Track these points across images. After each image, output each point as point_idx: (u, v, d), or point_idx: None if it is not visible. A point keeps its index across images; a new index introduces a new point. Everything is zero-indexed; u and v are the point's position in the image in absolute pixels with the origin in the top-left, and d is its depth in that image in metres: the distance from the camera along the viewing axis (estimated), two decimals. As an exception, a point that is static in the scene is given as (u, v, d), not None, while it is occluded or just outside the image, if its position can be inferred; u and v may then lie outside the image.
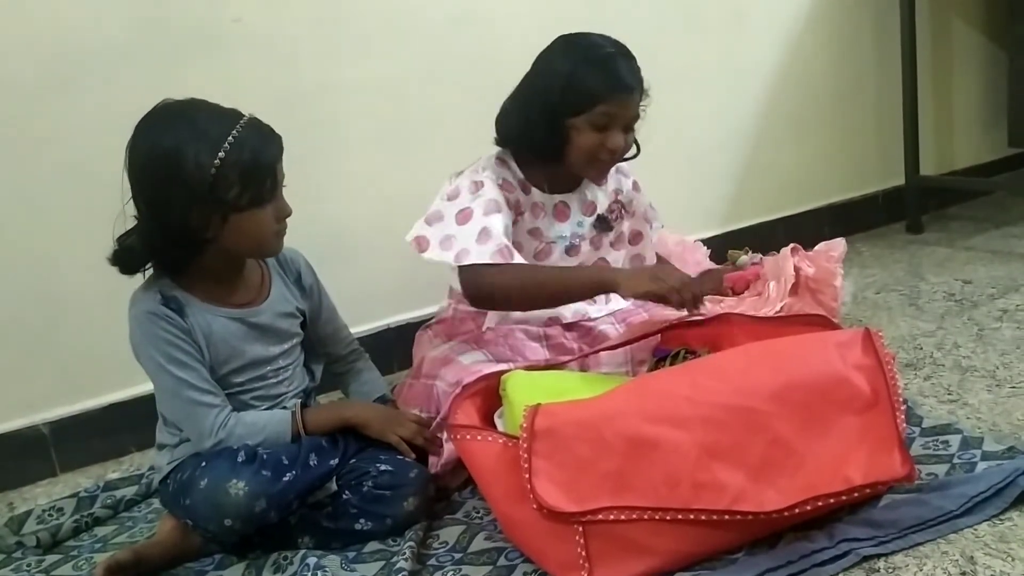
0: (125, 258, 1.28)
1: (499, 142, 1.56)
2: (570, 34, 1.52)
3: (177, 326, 1.26)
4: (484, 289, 1.42)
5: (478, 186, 1.48)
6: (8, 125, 1.61)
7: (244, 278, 1.36)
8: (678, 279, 1.36)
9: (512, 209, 1.50)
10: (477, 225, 1.43)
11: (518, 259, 1.42)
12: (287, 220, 1.31)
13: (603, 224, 1.61)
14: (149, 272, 1.31)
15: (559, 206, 1.57)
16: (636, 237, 1.70)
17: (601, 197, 1.62)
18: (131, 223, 1.27)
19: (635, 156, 1.56)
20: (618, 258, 1.67)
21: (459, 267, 1.43)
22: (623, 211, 1.65)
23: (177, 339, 1.26)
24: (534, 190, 1.55)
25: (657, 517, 1.07)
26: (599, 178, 1.57)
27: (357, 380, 1.52)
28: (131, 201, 1.25)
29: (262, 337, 1.35)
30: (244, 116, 1.25)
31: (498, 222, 1.43)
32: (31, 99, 1.62)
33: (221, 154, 1.20)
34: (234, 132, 1.21)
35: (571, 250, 1.58)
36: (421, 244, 1.47)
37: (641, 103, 1.49)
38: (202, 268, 1.30)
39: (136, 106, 1.25)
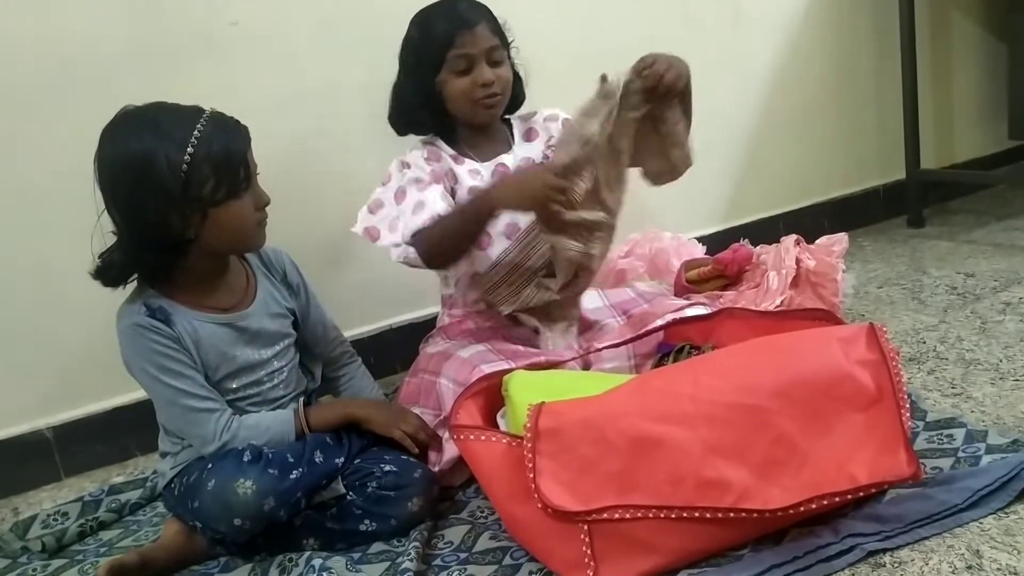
0: (107, 272, 1.28)
1: (401, 133, 1.59)
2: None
3: (166, 335, 1.26)
4: (424, 250, 1.43)
5: (405, 165, 1.52)
6: (7, 131, 1.61)
7: (229, 281, 1.35)
8: (540, 179, 1.35)
9: (445, 177, 1.52)
10: (412, 200, 1.47)
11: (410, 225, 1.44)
12: (267, 210, 1.31)
13: None
14: (133, 284, 1.30)
15: (498, 167, 1.58)
16: None
17: (535, 149, 1.63)
18: (108, 236, 1.26)
19: (523, 99, 1.60)
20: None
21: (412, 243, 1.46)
22: None
23: (167, 349, 1.26)
24: (467, 160, 1.57)
25: (662, 515, 1.07)
26: (490, 116, 1.57)
27: (349, 388, 1.53)
28: (105, 213, 1.25)
29: (252, 341, 1.35)
30: (206, 111, 1.25)
31: (433, 193, 1.46)
32: (30, 105, 1.62)
33: (190, 150, 1.20)
34: (198, 127, 1.21)
35: None
36: (372, 234, 1.51)
37: (500, 36, 1.52)
38: (186, 272, 1.29)
39: (135, 110, 1.25)
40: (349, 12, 1.87)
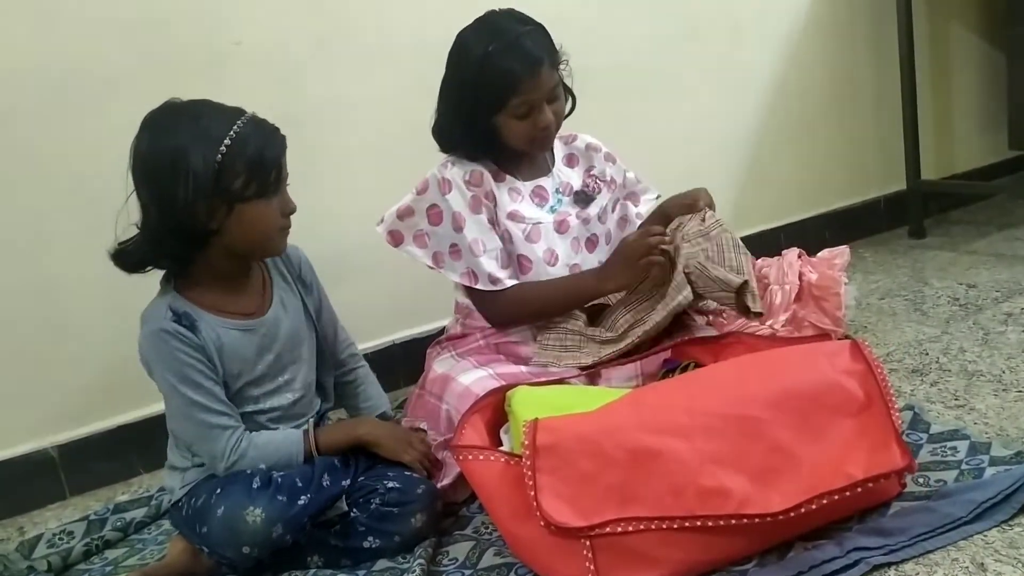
0: (126, 255, 1.27)
1: (444, 149, 1.57)
2: (468, 27, 1.52)
3: (190, 344, 1.26)
4: (499, 313, 1.54)
5: (446, 185, 1.51)
6: (13, 148, 1.62)
7: (250, 284, 1.35)
8: (641, 250, 1.44)
9: (486, 199, 1.52)
10: (447, 231, 1.51)
11: (485, 270, 1.49)
12: (291, 218, 1.31)
13: (583, 199, 1.62)
14: (150, 272, 1.30)
15: (536, 190, 1.59)
16: (618, 207, 1.67)
17: (574, 176, 1.64)
18: (133, 221, 1.26)
19: (572, 111, 1.58)
20: (606, 231, 1.64)
21: (464, 286, 1.53)
22: (599, 183, 1.64)
23: (191, 358, 1.26)
24: (509, 177, 1.57)
25: (664, 526, 1.07)
26: (545, 149, 1.60)
27: (360, 396, 1.52)
28: (133, 198, 1.24)
29: (271, 346, 1.34)
30: (247, 113, 1.26)
31: (469, 235, 1.50)
32: (35, 123, 1.63)
33: (226, 143, 1.21)
34: (236, 127, 1.23)
35: (561, 225, 1.57)
36: (395, 238, 1.55)
37: (558, 68, 1.50)
38: (208, 270, 1.29)
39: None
40: (351, 30, 1.89)
